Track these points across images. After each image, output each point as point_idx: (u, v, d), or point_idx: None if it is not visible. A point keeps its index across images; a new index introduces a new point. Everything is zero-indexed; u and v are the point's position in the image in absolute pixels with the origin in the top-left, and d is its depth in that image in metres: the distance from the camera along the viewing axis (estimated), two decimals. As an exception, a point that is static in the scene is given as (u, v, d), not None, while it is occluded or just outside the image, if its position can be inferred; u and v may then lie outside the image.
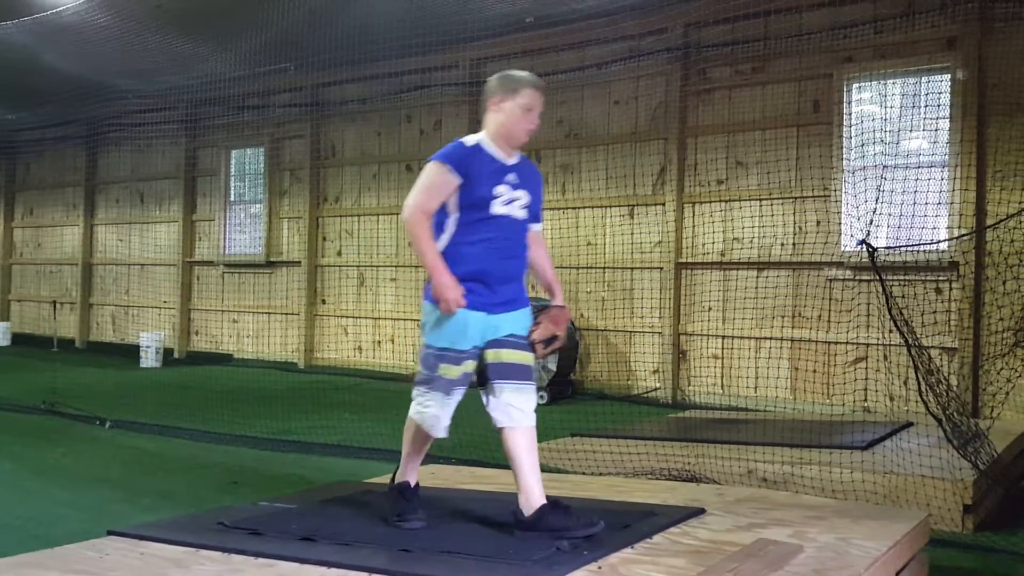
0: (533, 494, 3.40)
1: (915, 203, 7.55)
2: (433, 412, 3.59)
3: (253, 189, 14.22)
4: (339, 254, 12.89)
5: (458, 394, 3.60)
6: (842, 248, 8.71)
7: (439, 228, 3.57)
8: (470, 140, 3.63)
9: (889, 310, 5.36)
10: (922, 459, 5.10)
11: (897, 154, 8.35)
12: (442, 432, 3.62)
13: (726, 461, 5.28)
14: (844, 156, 8.69)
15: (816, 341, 8.89)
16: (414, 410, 3.66)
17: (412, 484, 3.73)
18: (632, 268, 10.14)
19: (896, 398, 8.23)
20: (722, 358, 9.38)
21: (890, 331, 5.66)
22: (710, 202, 9.59)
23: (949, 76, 8.22)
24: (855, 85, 8.81)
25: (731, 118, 9.49)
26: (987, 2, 8.01)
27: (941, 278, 8.25)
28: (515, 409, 3.47)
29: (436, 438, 3.68)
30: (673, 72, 9.79)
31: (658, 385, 9.81)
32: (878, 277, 5.58)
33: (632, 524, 3.52)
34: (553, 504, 3.39)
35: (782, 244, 9.14)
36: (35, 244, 17.41)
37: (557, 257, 10.71)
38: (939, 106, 8.12)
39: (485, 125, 3.67)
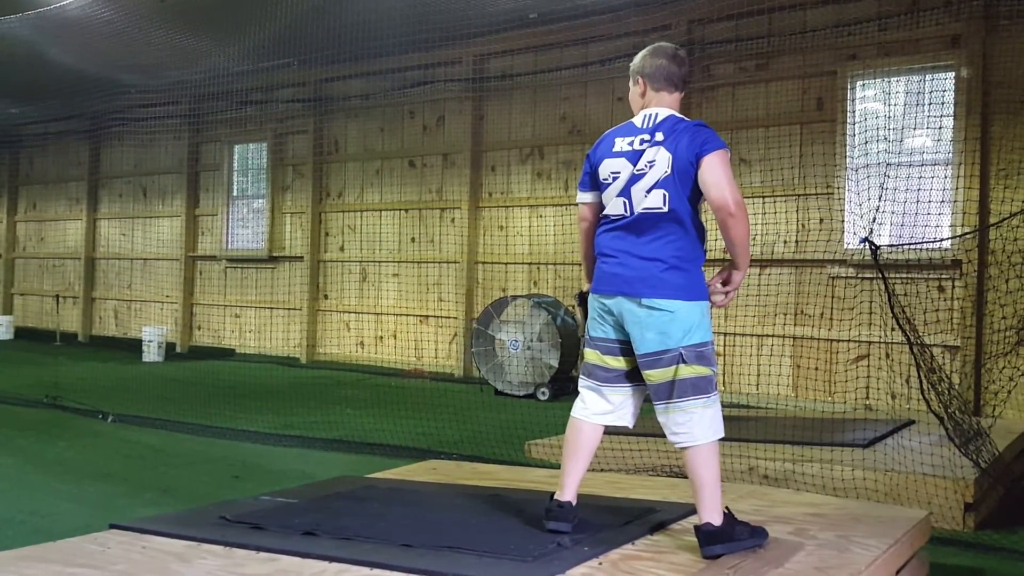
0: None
1: (918, 201, 7.55)
2: (719, 412, 3.30)
3: (256, 184, 14.23)
4: (341, 249, 12.89)
5: None
6: (845, 246, 8.70)
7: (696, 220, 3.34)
8: None
9: (891, 308, 5.36)
10: (923, 457, 5.10)
11: (900, 152, 8.34)
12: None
13: (727, 458, 5.27)
14: (847, 154, 8.68)
15: (818, 339, 8.89)
16: (715, 427, 3.25)
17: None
18: (634, 265, 10.13)
19: (898, 396, 8.23)
20: (724, 355, 9.37)
21: (892, 329, 5.66)
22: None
23: (953, 74, 8.21)
24: (859, 83, 8.79)
25: (735, 115, 9.48)
26: (991, 0, 8.00)
27: (944, 276, 8.24)
28: None
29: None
30: (677, 69, 9.76)
31: (660, 382, 9.79)
32: (881, 275, 5.59)
33: (633, 521, 3.53)
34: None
35: (785, 241, 9.14)
36: (38, 238, 17.42)
37: (560, 253, 10.72)
38: (943, 104, 8.11)
39: (674, 105, 3.48)
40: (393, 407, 8.74)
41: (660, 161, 3.30)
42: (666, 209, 3.28)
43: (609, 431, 3.55)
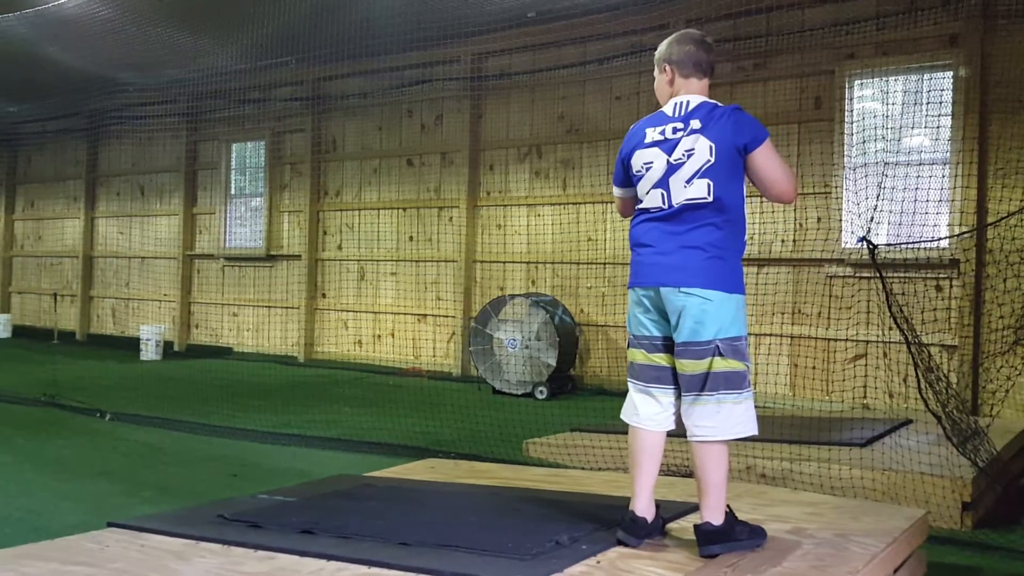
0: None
1: (916, 200, 7.54)
2: (751, 409, 3.28)
3: (254, 183, 14.22)
4: (339, 248, 12.89)
5: None
6: (843, 245, 8.70)
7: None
8: None
9: (889, 307, 5.36)
10: (921, 456, 5.10)
11: (898, 151, 8.35)
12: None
13: (725, 457, 5.28)
14: (845, 153, 8.68)
15: (816, 338, 8.90)
16: (742, 423, 3.24)
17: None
18: (632, 264, 10.13)
19: (895, 395, 8.24)
20: (722, 354, 9.36)
21: (890, 328, 5.67)
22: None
23: (951, 73, 8.22)
24: (857, 82, 8.80)
25: (732, 114, 9.46)
26: (990, -1, 8.01)
27: (941, 275, 8.25)
28: None
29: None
30: (675, 68, 9.77)
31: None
32: (878, 274, 5.59)
33: (631, 519, 3.52)
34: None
35: (783, 241, 9.14)
36: (36, 236, 17.41)
37: (558, 252, 10.72)
38: (941, 103, 8.11)
39: (704, 92, 3.42)
40: (391, 406, 8.74)
41: (700, 150, 3.20)
42: (711, 199, 3.19)
43: (608, 429, 3.55)
